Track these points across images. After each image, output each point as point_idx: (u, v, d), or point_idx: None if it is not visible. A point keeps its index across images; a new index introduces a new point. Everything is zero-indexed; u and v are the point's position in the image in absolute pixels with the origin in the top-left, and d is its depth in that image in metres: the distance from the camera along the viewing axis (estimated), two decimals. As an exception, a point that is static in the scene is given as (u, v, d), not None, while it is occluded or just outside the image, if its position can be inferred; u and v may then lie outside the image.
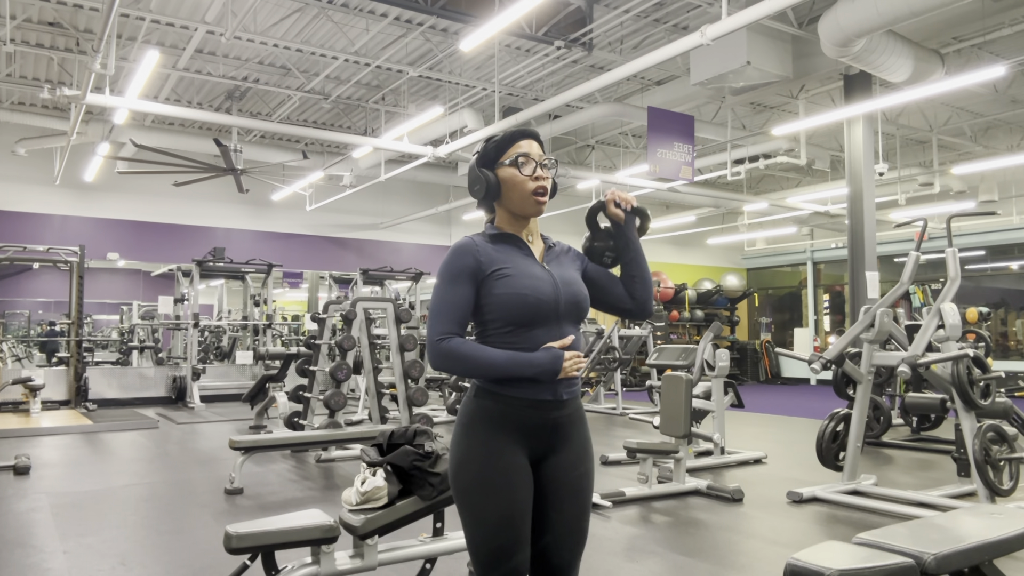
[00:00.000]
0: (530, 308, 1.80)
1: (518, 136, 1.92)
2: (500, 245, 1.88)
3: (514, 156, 1.89)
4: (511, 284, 1.81)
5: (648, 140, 8.95)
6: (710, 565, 3.70)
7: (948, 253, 4.95)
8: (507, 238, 1.91)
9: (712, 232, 18.55)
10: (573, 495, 1.87)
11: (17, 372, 10.58)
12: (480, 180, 1.90)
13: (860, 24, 6.70)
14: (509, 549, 1.77)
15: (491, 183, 1.89)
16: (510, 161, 1.89)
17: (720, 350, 6.37)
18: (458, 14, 8.15)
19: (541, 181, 1.89)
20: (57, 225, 12.29)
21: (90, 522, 4.51)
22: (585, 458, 1.91)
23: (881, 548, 2.24)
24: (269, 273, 12.47)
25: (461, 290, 1.82)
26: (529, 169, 1.89)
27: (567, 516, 1.86)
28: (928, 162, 13.97)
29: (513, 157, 1.89)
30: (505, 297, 1.80)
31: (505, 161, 1.90)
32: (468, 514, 1.81)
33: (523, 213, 1.91)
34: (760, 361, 16.94)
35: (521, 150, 1.90)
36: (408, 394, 7.03)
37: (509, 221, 1.93)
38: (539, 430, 1.84)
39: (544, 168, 1.91)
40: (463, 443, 1.84)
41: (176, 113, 9.26)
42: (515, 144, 1.91)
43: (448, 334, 1.80)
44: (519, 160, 1.88)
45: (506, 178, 1.89)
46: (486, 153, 1.93)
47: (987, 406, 4.70)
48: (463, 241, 1.88)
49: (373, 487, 2.87)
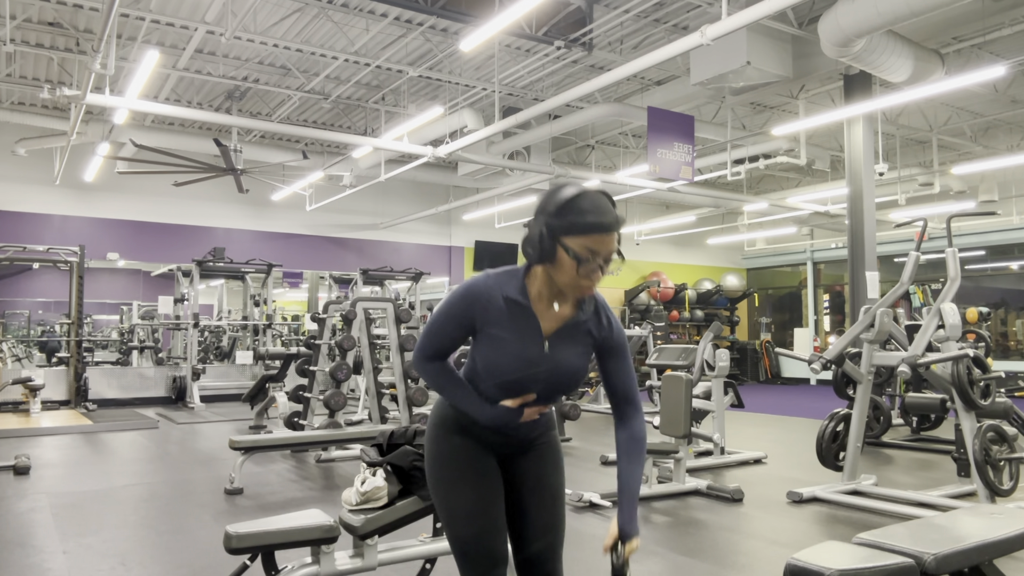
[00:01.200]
0: (505, 382, 1.82)
1: (599, 228, 1.69)
2: (510, 302, 1.81)
3: (582, 250, 1.70)
4: (497, 355, 1.80)
5: (648, 140, 8.95)
6: (710, 565, 3.70)
7: (948, 253, 4.95)
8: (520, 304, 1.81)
9: (712, 232, 18.55)
10: (543, 485, 1.95)
11: (17, 372, 10.58)
12: (536, 246, 1.74)
13: (860, 24, 6.70)
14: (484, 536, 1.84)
15: (545, 254, 1.73)
16: (574, 253, 1.70)
17: (720, 350, 6.37)
18: (458, 14, 8.15)
19: (594, 282, 1.76)
20: (57, 225, 12.29)
21: (90, 522, 4.51)
22: (553, 457, 1.99)
23: (881, 548, 2.24)
24: (269, 273, 12.47)
25: (452, 331, 1.85)
26: (587, 269, 1.72)
27: (541, 507, 1.94)
28: (928, 162, 13.97)
29: (581, 251, 1.70)
30: (489, 360, 1.82)
31: (571, 246, 1.70)
32: (443, 508, 1.89)
33: (563, 291, 1.81)
34: (760, 361, 16.94)
35: (592, 246, 1.70)
36: (408, 394, 7.03)
37: (546, 282, 1.81)
38: (501, 444, 1.93)
39: (605, 266, 1.74)
40: (433, 443, 1.94)
41: (176, 113, 9.25)
42: (591, 235, 1.69)
43: (430, 358, 1.89)
44: (583, 258, 1.70)
45: (562, 260, 1.72)
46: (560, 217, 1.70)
47: (987, 406, 4.70)
48: (477, 289, 1.81)
49: (373, 487, 2.87)
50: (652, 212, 18.12)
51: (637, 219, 17.47)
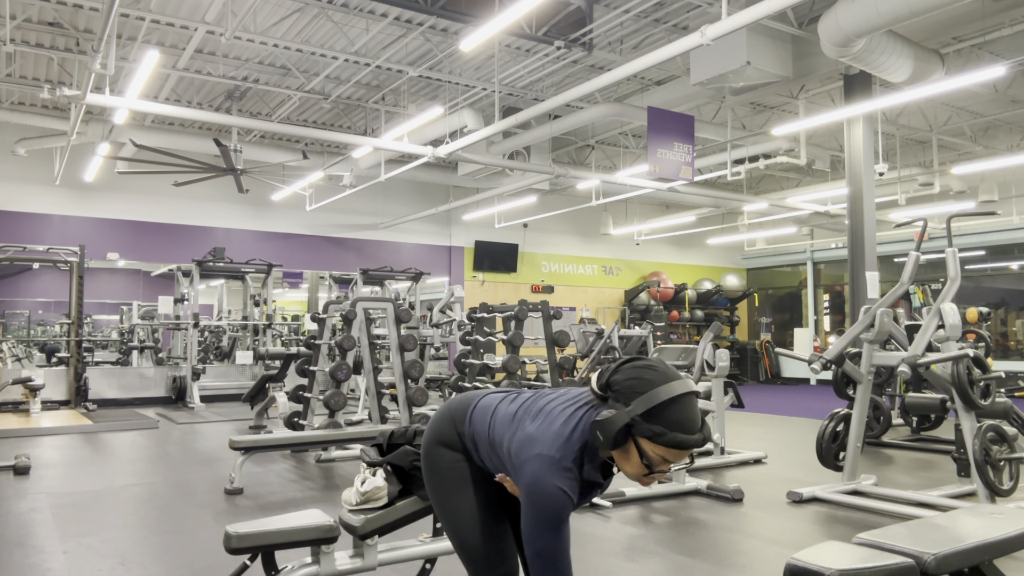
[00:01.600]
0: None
1: (683, 445, 1.65)
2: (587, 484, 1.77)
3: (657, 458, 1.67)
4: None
5: (648, 140, 8.95)
6: (710, 565, 3.70)
7: (948, 253, 4.95)
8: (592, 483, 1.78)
9: (712, 232, 18.55)
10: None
11: (17, 372, 10.58)
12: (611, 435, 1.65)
13: (860, 24, 6.70)
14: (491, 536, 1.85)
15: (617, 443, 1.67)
16: (648, 460, 1.67)
17: (720, 350, 6.37)
18: (458, 14, 8.14)
19: (654, 480, 1.74)
20: (57, 225, 12.29)
21: (90, 522, 4.51)
22: None
23: (881, 548, 2.24)
24: (269, 273, 12.47)
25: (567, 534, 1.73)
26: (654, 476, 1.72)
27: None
28: (928, 162, 13.97)
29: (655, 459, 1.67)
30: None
31: (647, 451, 1.67)
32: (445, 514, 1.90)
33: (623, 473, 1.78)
34: (760, 361, 16.94)
35: (668, 458, 1.67)
36: (408, 394, 7.03)
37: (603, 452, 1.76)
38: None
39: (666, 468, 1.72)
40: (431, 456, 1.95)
41: (176, 113, 9.24)
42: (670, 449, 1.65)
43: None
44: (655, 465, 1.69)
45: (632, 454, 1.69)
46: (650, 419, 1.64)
47: (987, 406, 4.70)
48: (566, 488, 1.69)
49: (373, 487, 2.87)
50: (652, 212, 18.12)
51: (637, 219, 17.46)
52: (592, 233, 17.57)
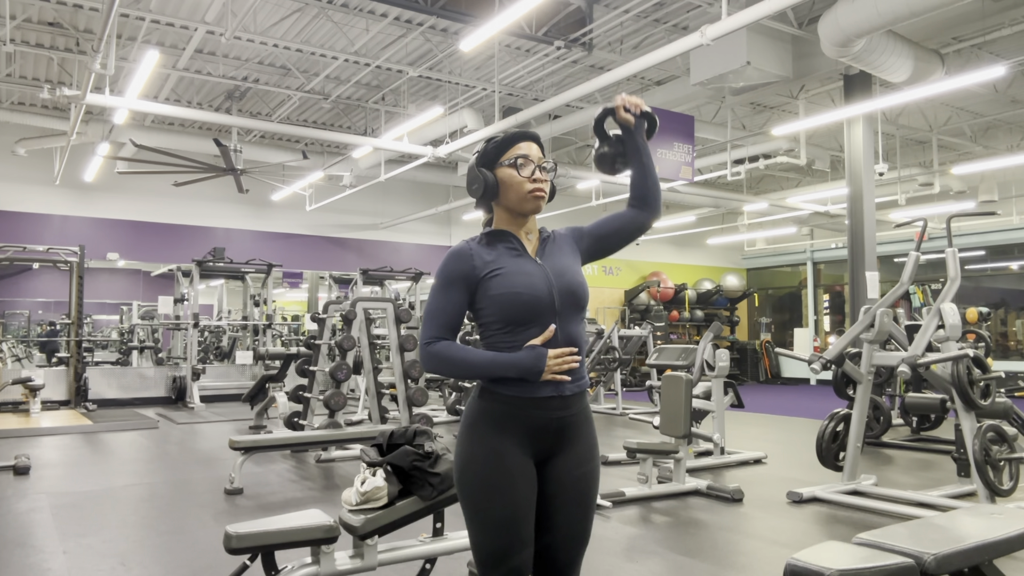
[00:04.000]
0: (524, 305, 1.81)
1: (518, 138, 1.93)
2: (493, 246, 1.90)
3: (513, 157, 1.90)
4: (504, 283, 1.83)
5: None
6: (710, 565, 3.70)
7: (948, 253, 4.95)
8: (500, 236, 1.92)
9: (712, 232, 18.55)
10: (577, 497, 1.87)
11: (17, 372, 10.58)
12: (478, 179, 1.91)
13: (860, 24, 6.70)
14: (510, 549, 1.78)
15: (489, 182, 1.90)
16: (509, 162, 1.90)
17: (720, 350, 6.37)
18: (458, 14, 8.15)
19: (539, 184, 1.91)
20: (57, 225, 12.29)
21: (90, 522, 4.51)
22: (590, 458, 1.91)
23: (881, 548, 2.24)
24: (269, 273, 12.47)
25: (453, 296, 1.86)
26: (528, 171, 1.90)
27: (570, 518, 1.86)
28: (928, 162, 13.97)
29: (512, 158, 1.90)
30: (500, 297, 1.82)
31: (504, 162, 1.91)
32: (471, 514, 1.82)
33: (521, 211, 1.92)
34: (760, 361, 16.94)
35: (520, 152, 1.91)
36: (408, 394, 7.03)
37: (507, 220, 1.94)
38: (543, 431, 1.84)
39: (543, 171, 1.92)
40: (467, 444, 1.85)
41: (176, 113, 9.26)
42: (515, 146, 1.92)
43: (435, 338, 1.85)
44: (518, 161, 1.89)
45: (504, 178, 1.90)
46: (486, 153, 1.94)
47: (987, 406, 4.70)
48: (458, 246, 1.90)
49: (373, 487, 2.87)
50: (652, 212, 18.08)
51: (637, 219, 17.43)
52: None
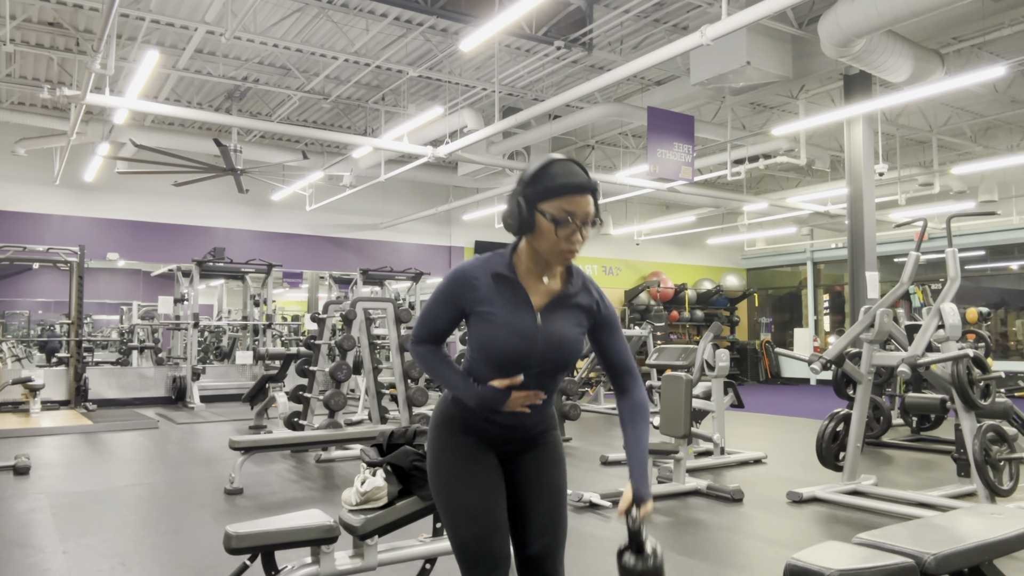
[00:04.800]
0: (503, 358, 1.82)
1: (572, 190, 1.74)
2: (500, 287, 1.83)
3: (559, 212, 1.74)
4: (490, 331, 1.81)
5: (648, 140, 8.95)
6: (710, 565, 3.70)
7: (948, 253, 4.95)
8: (510, 284, 1.83)
9: (712, 232, 18.55)
10: (545, 485, 1.95)
11: (17, 372, 10.58)
12: (515, 216, 1.78)
13: (860, 24, 6.70)
14: (488, 535, 1.83)
15: (524, 223, 1.78)
16: (551, 216, 1.74)
17: (720, 350, 6.37)
18: (458, 14, 8.14)
19: (575, 246, 1.78)
20: (57, 225, 12.29)
21: (90, 522, 4.51)
22: (555, 455, 1.99)
23: (881, 548, 2.24)
24: (269, 273, 12.47)
25: (445, 312, 1.88)
26: (566, 232, 1.76)
27: (542, 506, 1.93)
28: (928, 162, 13.97)
29: (557, 213, 1.74)
30: (483, 341, 1.83)
31: (547, 210, 1.74)
32: (446, 506, 1.88)
33: (547, 259, 1.83)
34: (760, 361, 16.94)
35: (568, 208, 1.74)
36: (408, 394, 7.03)
37: (532, 256, 1.84)
38: (502, 440, 1.92)
39: (584, 229, 1.78)
40: (435, 441, 1.93)
41: (176, 113, 9.25)
42: (566, 197, 1.74)
43: (421, 340, 1.93)
44: (560, 220, 1.74)
45: (542, 226, 1.76)
46: (534, 184, 1.77)
47: (987, 406, 4.70)
48: (466, 270, 1.85)
49: (373, 487, 2.87)
50: (652, 212, 18.11)
51: (637, 219, 17.47)
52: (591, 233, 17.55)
